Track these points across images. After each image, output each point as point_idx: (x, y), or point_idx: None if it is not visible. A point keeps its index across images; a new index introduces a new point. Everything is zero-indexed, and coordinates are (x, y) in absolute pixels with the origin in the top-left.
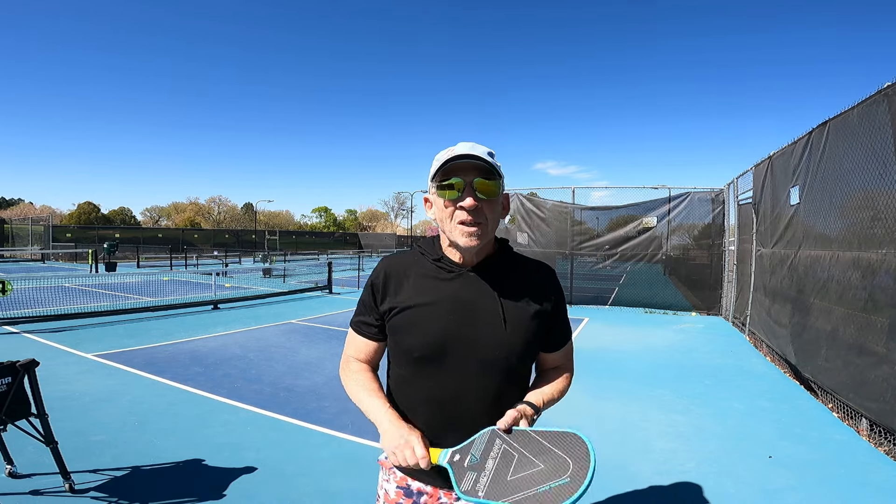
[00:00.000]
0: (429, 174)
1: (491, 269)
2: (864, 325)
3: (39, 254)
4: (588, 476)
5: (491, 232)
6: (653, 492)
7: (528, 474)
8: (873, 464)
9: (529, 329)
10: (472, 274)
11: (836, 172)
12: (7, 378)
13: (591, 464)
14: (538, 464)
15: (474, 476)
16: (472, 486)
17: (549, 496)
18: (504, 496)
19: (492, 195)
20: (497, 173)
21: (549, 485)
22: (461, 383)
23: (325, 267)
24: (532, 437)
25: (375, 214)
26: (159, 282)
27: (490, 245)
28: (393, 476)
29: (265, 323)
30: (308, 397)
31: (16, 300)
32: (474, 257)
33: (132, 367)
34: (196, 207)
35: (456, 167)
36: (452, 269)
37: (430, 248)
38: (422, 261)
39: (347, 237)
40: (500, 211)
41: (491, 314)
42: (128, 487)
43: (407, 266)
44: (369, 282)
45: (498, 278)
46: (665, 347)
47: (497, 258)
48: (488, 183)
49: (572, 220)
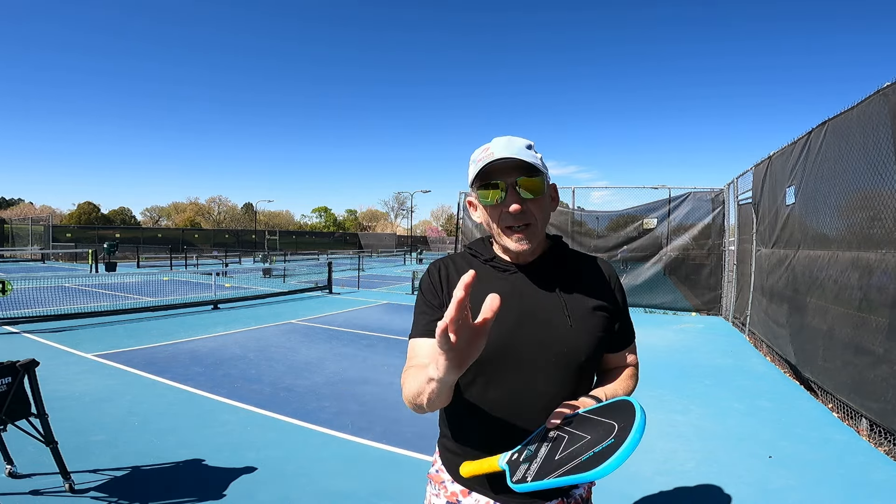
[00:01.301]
0: (468, 176)
1: (546, 265)
2: (864, 325)
3: (39, 254)
4: (634, 430)
5: (542, 230)
6: (653, 491)
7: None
8: (873, 464)
9: (595, 324)
10: (528, 272)
11: (835, 172)
12: (7, 378)
13: (637, 419)
14: (585, 436)
15: (527, 466)
16: (522, 476)
17: (592, 460)
18: (550, 475)
19: (538, 193)
20: (539, 168)
21: (594, 450)
22: (525, 384)
23: (325, 267)
24: (582, 417)
25: (375, 214)
26: (159, 282)
27: (543, 242)
28: (444, 491)
29: (265, 323)
30: (308, 397)
31: (16, 300)
32: (528, 256)
33: (132, 367)
34: (196, 207)
35: (495, 168)
36: (507, 269)
37: (481, 248)
38: (474, 262)
39: (347, 237)
40: (550, 205)
41: (553, 311)
42: (128, 487)
43: (460, 266)
44: (425, 284)
45: (555, 274)
46: (665, 347)
47: (551, 254)
48: (532, 181)
49: (573, 221)
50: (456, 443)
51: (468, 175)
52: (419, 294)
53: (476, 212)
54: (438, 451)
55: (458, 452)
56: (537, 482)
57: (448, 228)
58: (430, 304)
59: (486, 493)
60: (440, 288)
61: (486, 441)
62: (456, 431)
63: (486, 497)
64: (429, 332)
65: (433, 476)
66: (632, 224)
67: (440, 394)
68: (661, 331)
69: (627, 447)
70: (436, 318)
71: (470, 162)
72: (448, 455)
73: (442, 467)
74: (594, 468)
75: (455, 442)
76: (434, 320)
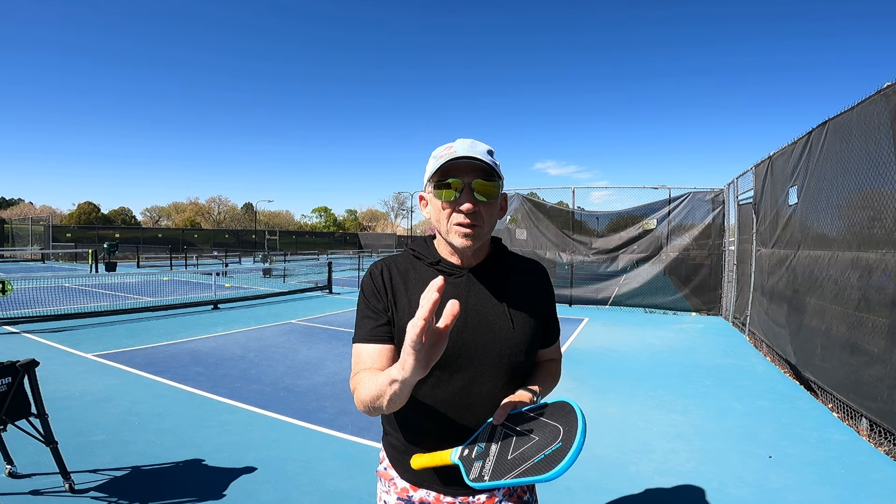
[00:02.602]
0: (425, 171)
1: (490, 269)
2: (863, 325)
3: (39, 254)
4: (577, 435)
5: (487, 234)
6: (653, 492)
7: (525, 448)
8: (873, 464)
9: (533, 326)
10: (472, 276)
11: (835, 172)
12: (7, 378)
13: (579, 424)
14: (534, 437)
15: (480, 464)
16: (478, 474)
17: (545, 463)
18: (506, 475)
19: (491, 197)
20: (497, 174)
21: (544, 453)
22: (471, 385)
23: (324, 267)
24: (526, 415)
25: (375, 214)
26: (159, 282)
27: (486, 246)
28: (393, 487)
29: (265, 323)
30: (308, 397)
31: (16, 300)
32: (472, 259)
33: (132, 367)
34: (196, 207)
35: (454, 167)
36: (452, 272)
37: (424, 250)
38: (418, 265)
39: (347, 237)
40: (499, 212)
41: (498, 315)
42: (128, 487)
43: (404, 270)
44: (367, 287)
45: (498, 279)
46: (665, 347)
47: (494, 258)
48: (487, 184)
49: (573, 221)
50: (403, 440)
51: (426, 170)
52: (361, 297)
53: (426, 208)
54: (384, 448)
55: (403, 450)
56: (495, 481)
57: None
58: (373, 309)
59: (435, 488)
60: (384, 292)
61: (433, 438)
62: (403, 429)
63: (434, 491)
64: (374, 337)
65: (382, 474)
66: (632, 224)
67: (402, 394)
68: (661, 331)
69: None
70: (380, 322)
71: (430, 157)
72: (393, 452)
73: (389, 464)
74: (548, 471)
75: (402, 439)
76: (378, 325)
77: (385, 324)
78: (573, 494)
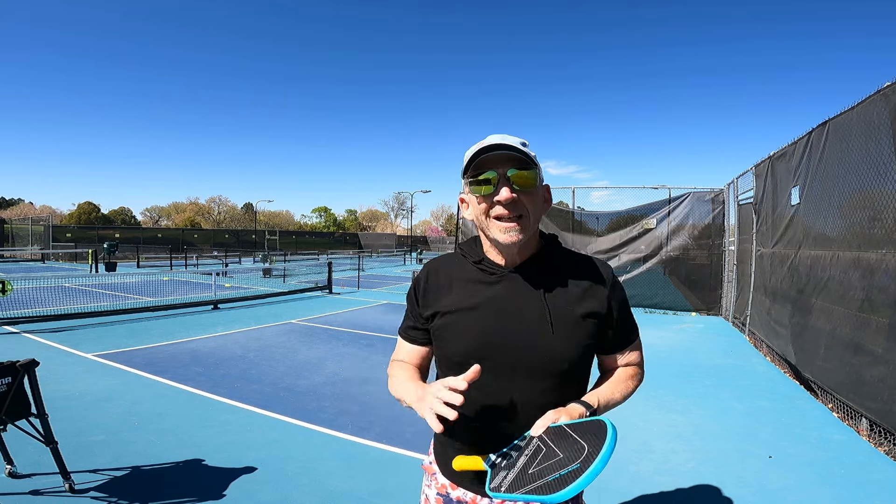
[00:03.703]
0: (461, 172)
1: (536, 268)
2: (864, 325)
3: (39, 254)
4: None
5: (533, 226)
6: (653, 492)
7: (547, 465)
8: (873, 464)
9: (580, 332)
10: (516, 275)
11: (835, 172)
12: (7, 378)
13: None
14: (559, 454)
15: (504, 474)
16: (499, 483)
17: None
18: (520, 489)
19: (529, 186)
20: (533, 162)
21: (560, 472)
22: (507, 390)
23: (324, 267)
24: (564, 430)
25: (375, 214)
26: (159, 282)
27: (534, 242)
28: (435, 482)
29: (265, 323)
30: (308, 397)
31: (16, 300)
32: (517, 257)
33: (132, 367)
34: (196, 207)
35: (488, 160)
36: (495, 271)
37: (471, 249)
38: (464, 263)
39: (347, 237)
40: (542, 203)
41: (536, 318)
42: (128, 487)
43: (449, 269)
44: (411, 288)
45: (544, 278)
46: (665, 347)
47: (543, 256)
48: (524, 173)
49: (573, 221)
50: (445, 439)
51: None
52: (409, 292)
53: (467, 209)
54: (433, 442)
55: (445, 446)
56: (508, 494)
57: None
58: (412, 311)
59: (471, 489)
60: (422, 298)
61: (470, 441)
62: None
63: (471, 493)
64: (408, 337)
65: (426, 467)
66: (632, 224)
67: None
68: (661, 331)
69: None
70: (415, 325)
71: (464, 156)
72: (438, 447)
73: (434, 459)
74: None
75: (444, 438)
76: (412, 327)
77: (419, 328)
78: None
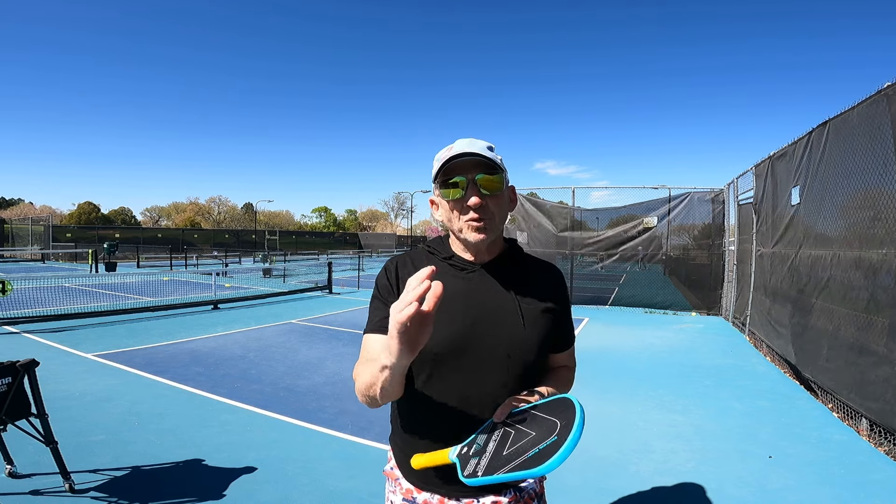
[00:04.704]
0: (431, 175)
1: (502, 266)
2: (865, 325)
3: (39, 254)
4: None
5: (499, 226)
6: (653, 491)
7: (521, 444)
8: (873, 464)
9: (545, 326)
10: (485, 271)
11: (836, 172)
12: (7, 378)
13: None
14: (531, 432)
15: (476, 460)
16: (473, 470)
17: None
18: (499, 469)
19: (496, 190)
20: (499, 167)
21: (539, 447)
22: (476, 381)
23: (324, 267)
24: (527, 412)
25: (375, 214)
26: (159, 282)
27: (499, 243)
28: (399, 488)
29: (265, 323)
30: (308, 397)
31: (16, 300)
32: (485, 255)
33: (132, 367)
34: (196, 207)
35: (457, 166)
36: (465, 267)
37: (440, 246)
38: (432, 259)
39: (347, 237)
40: (507, 205)
41: (508, 311)
42: (128, 487)
43: (417, 264)
44: (380, 281)
45: (510, 275)
46: (665, 347)
47: (507, 255)
48: (491, 178)
49: (573, 221)
50: (406, 439)
51: (432, 174)
52: (375, 289)
53: (437, 211)
54: (391, 448)
55: (405, 449)
56: (487, 477)
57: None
58: (383, 301)
59: (438, 490)
60: (395, 285)
61: (436, 436)
62: (407, 427)
63: (439, 495)
64: (381, 328)
65: (388, 473)
66: (632, 223)
67: (392, 382)
68: (661, 331)
69: (568, 445)
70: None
71: (434, 161)
72: (398, 452)
73: (395, 464)
74: (539, 465)
75: (405, 438)
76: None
77: None
78: (573, 494)
